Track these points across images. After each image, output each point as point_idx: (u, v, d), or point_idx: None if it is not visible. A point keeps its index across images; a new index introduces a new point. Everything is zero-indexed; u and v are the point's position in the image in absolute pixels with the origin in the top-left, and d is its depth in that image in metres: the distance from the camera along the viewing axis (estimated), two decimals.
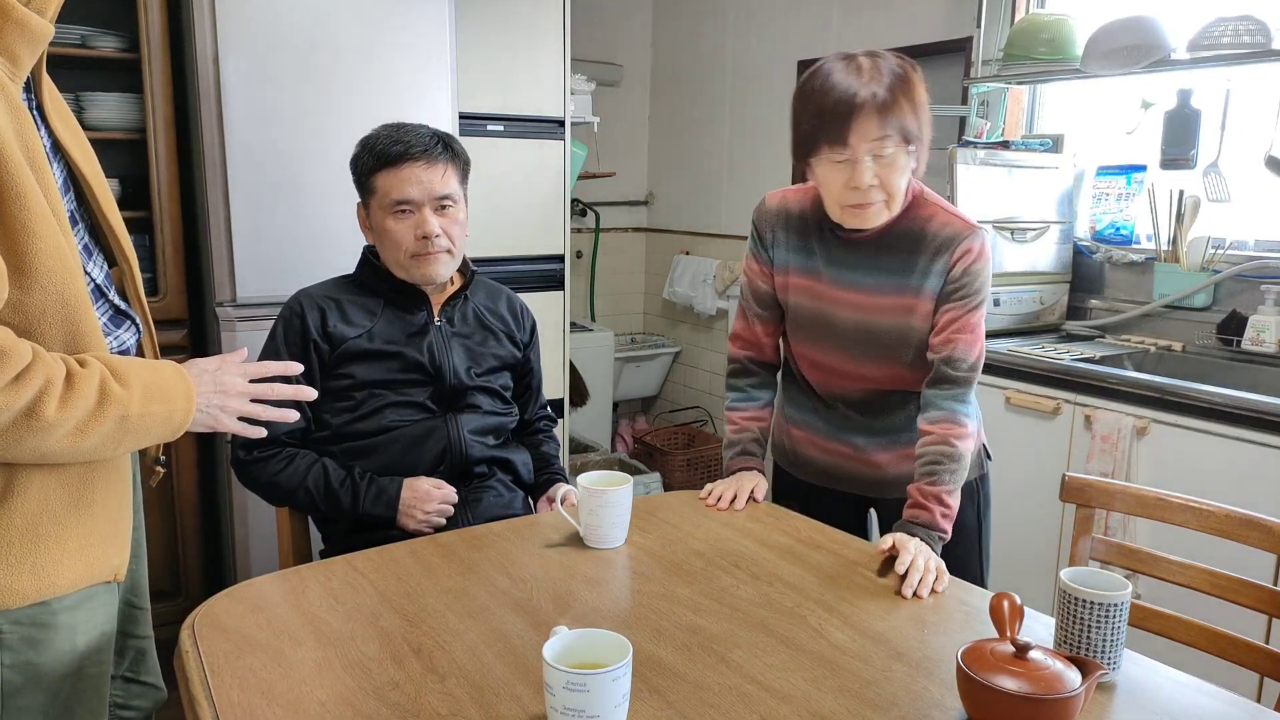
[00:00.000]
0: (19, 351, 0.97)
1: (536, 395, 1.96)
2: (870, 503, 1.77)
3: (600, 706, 0.93)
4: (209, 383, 1.18)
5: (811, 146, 1.48)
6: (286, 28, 2.34)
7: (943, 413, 1.53)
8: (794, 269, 1.65)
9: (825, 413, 1.71)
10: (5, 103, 1.00)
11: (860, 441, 1.67)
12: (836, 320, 1.61)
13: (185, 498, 2.54)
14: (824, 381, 1.69)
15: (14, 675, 1.08)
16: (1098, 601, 1.09)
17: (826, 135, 1.45)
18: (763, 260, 1.69)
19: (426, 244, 1.68)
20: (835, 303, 1.61)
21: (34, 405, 0.97)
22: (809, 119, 1.47)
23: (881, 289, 1.57)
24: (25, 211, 0.99)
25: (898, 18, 3.31)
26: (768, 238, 1.67)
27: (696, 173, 4.34)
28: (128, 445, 1.09)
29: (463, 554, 1.43)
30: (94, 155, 1.22)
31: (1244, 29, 2.29)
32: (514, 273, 3.01)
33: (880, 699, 1.06)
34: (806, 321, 1.66)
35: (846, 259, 1.59)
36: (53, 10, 1.07)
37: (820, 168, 1.50)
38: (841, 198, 1.50)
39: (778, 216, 1.67)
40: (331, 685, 1.06)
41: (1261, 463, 2.01)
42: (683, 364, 4.55)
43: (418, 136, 1.69)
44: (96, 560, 1.13)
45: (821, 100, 1.45)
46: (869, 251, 1.57)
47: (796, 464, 1.78)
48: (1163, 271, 2.65)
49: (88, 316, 1.07)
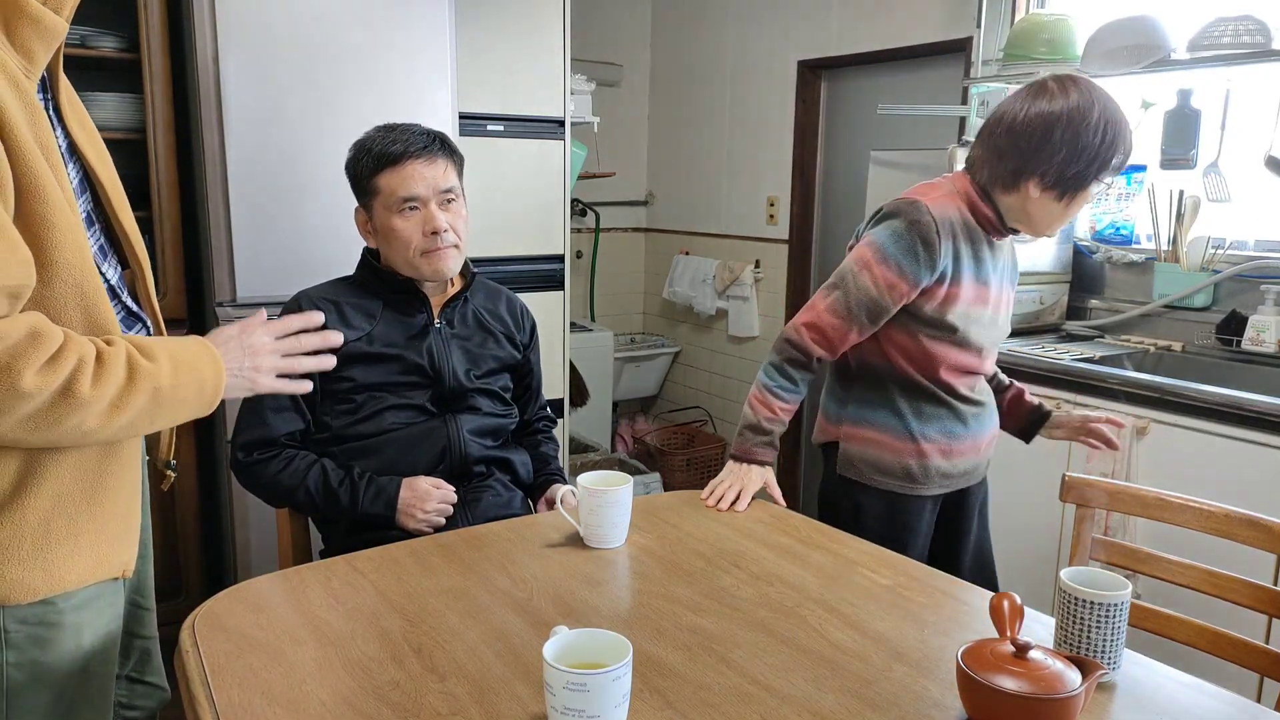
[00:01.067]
0: (52, 333, 0.98)
1: (536, 396, 1.96)
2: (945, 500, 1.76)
3: (600, 706, 0.93)
4: (235, 348, 1.17)
5: (1083, 182, 1.57)
6: (286, 28, 2.34)
7: None
8: (968, 278, 1.63)
9: (961, 415, 1.70)
10: (20, 99, 1.01)
11: (982, 430, 1.74)
12: (993, 321, 1.70)
13: (185, 498, 2.54)
14: (958, 383, 1.68)
15: (19, 674, 1.08)
16: (1098, 601, 1.09)
17: (1100, 173, 1.56)
18: (912, 279, 1.58)
19: (436, 239, 1.68)
20: (990, 303, 1.68)
21: (69, 384, 0.98)
22: (1082, 159, 1.54)
23: (1005, 283, 1.73)
24: (44, 204, 0.99)
25: (898, 18, 3.32)
26: (940, 254, 1.58)
27: (696, 173, 4.34)
28: (164, 419, 1.08)
29: (463, 554, 1.43)
30: (109, 158, 1.22)
31: (1244, 29, 2.29)
32: (514, 273, 3.01)
33: (880, 699, 1.06)
34: (973, 327, 1.65)
35: (997, 259, 1.70)
36: (69, 8, 1.08)
37: (1044, 197, 1.58)
38: (1054, 225, 1.63)
39: (948, 229, 1.60)
40: (332, 685, 1.06)
41: (1261, 463, 2.01)
42: (682, 364, 4.55)
43: (414, 135, 1.69)
44: (107, 556, 1.14)
45: (1107, 152, 1.54)
46: (1005, 252, 1.74)
47: (919, 478, 1.69)
48: (1163, 271, 2.66)
49: (105, 309, 1.07)
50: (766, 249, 3.99)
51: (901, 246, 1.57)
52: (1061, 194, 1.57)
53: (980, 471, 1.78)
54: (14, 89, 1.00)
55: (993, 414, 1.77)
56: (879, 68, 3.53)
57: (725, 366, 4.28)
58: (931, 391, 1.66)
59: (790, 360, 1.66)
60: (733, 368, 4.23)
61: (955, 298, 1.61)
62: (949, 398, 1.67)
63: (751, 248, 4.06)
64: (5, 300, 0.96)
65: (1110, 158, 1.54)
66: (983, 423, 1.74)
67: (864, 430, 1.70)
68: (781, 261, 3.91)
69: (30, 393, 0.95)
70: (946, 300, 1.61)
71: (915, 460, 1.67)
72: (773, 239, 3.96)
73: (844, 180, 3.72)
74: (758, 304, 4.03)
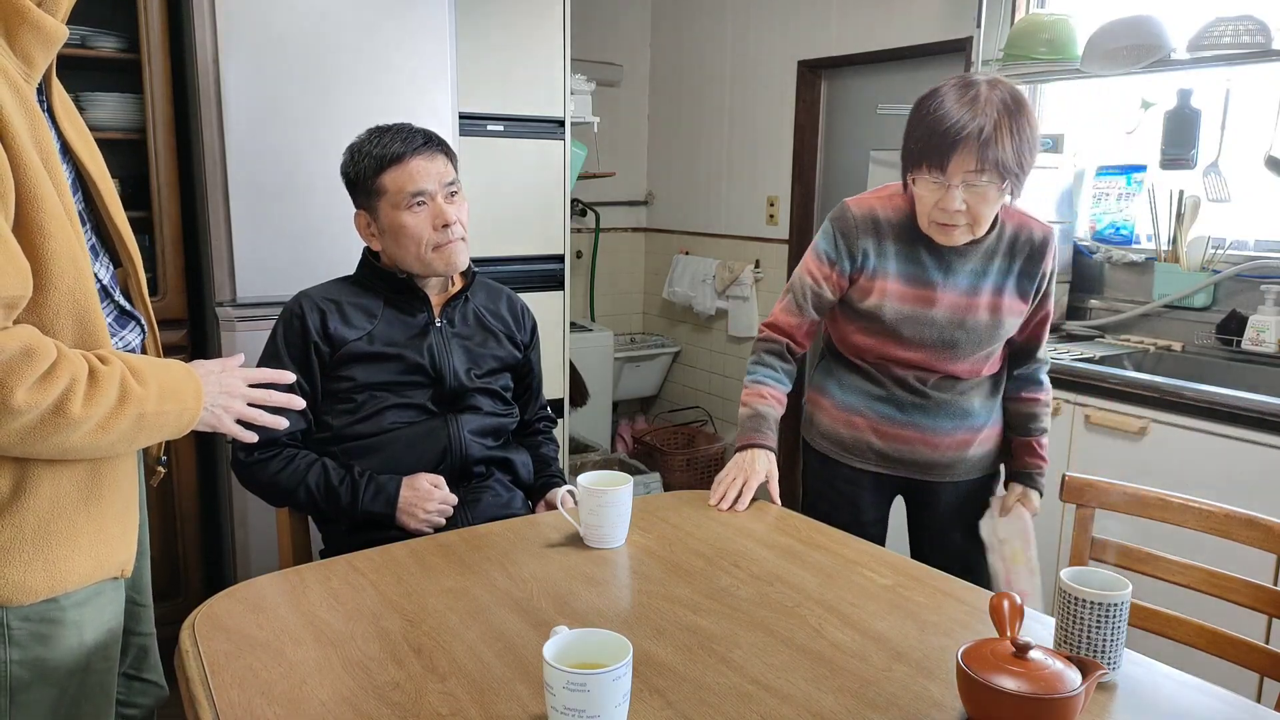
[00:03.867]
0: (45, 350, 0.99)
1: (536, 396, 1.96)
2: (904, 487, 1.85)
3: (600, 706, 0.93)
4: (215, 384, 1.22)
5: (914, 163, 1.60)
6: (286, 28, 2.34)
7: (1037, 383, 1.82)
8: (893, 275, 1.69)
9: (897, 400, 1.77)
10: (21, 105, 1.01)
11: (927, 424, 1.76)
12: (935, 320, 1.69)
13: (185, 498, 2.54)
14: (905, 374, 1.75)
15: (22, 671, 1.09)
16: (1098, 601, 1.09)
17: (929, 158, 1.56)
18: (839, 269, 1.72)
19: (446, 233, 1.69)
20: (934, 303, 1.68)
21: (60, 402, 0.99)
22: (917, 139, 1.59)
23: (979, 290, 1.69)
24: (41, 213, 1.00)
25: (897, 17, 3.31)
26: (858, 247, 1.70)
27: (696, 173, 4.34)
28: (141, 441, 1.11)
29: (463, 554, 1.43)
30: (100, 156, 1.23)
31: (1244, 29, 2.29)
32: (514, 273, 3.01)
33: (880, 699, 1.06)
34: (900, 325, 1.70)
35: (954, 264, 1.69)
36: (64, 11, 1.09)
37: (918, 183, 1.61)
38: (931, 215, 1.61)
39: (868, 225, 1.70)
40: (332, 685, 1.06)
41: (1261, 463, 2.01)
42: (682, 364, 4.55)
43: (411, 133, 1.71)
44: (106, 556, 1.14)
45: (932, 125, 1.55)
46: (973, 257, 1.69)
47: (854, 450, 1.81)
48: (1163, 271, 2.66)
49: (97, 316, 1.08)
50: (766, 249, 3.99)
51: (827, 240, 1.74)
52: (908, 169, 1.62)
53: (944, 471, 1.78)
54: (15, 95, 1.01)
55: (956, 415, 1.76)
56: (879, 68, 3.53)
57: (725, 366, 4.28)
58: (865, 370, 1.79)
59: (769, 351, 1.81)
60: (733, 368, 4.22)
61: (876, 290, 1.70)
62: (885, 379, 1.77)
63: (751, 248, 4.06)
64: (1, 311, 0.96)
65: (914, 138, 1.58)
66: (934, 418, 1.75)
67: (816, 395, 1.88)
68: (781, 261, 3.91)
69: (20, 409, 0.96)
70: (866, 291, 1.71)
71: (846, 430, 1.81)
72: (772, 239, 3.96)
73: (844, 180, 3.72)
74: (757, 304, 4.03)
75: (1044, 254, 1.69)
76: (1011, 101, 1.53)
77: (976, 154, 1.51)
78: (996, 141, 1.51)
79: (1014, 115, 1.52)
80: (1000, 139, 1.51)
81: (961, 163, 1.52)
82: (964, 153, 1.52)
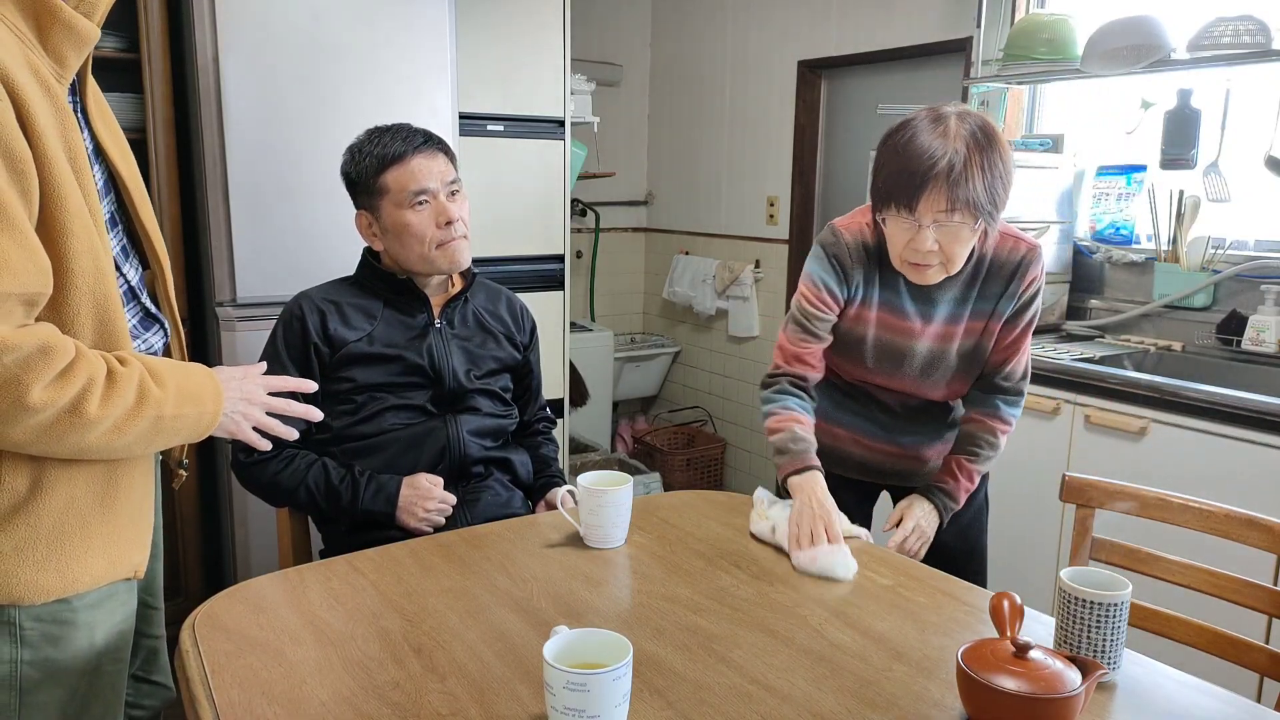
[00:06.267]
0: (63, 348, 0.98)
1: (536, 396, 1.96)
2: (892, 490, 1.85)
3: (600, 706, 0.93)
4: (236, 390, 1.22)
5: (883, 202, 1.53)
6: (286, 28, 2.34)
7: (992, 409, 1.71)
8: (877, 303, 1.66)
9: (877, 419, 1.78)
10: (51, 104, 1.01)
11: (908, 441, 1.78)
12: (914, 351, 1.67)
13: (185, 498, 2.54)
14: (885, 398, 1.76)
15: (33, 671, 1.09)
16: (1098, 601, 1.09)
17: (897, 199, 1.49)
18: (836, 294, 1.66)
19: (450, 230, 1.69)
20: (914, 335, 1.66)
21: (77, 402, 0.99)
22: (885, 177, 1.52)
23: (959, 318, 1.66)
24: (65, 213, 1.00)
25: (897, 18, 3.31)
26: (854, 273, 1.65)
27: (696, 173, 4.34)
28: (158, 444, 1.11)
29: (463, 554, 1.43)
30: (133, 159, 1.24)
31: (1244, 29, 2.29)
32: (514, 273, 3.01)
33: (880, 699, 1.06)
34: (880, 353, 1.68)
35: (932, 294, 1.64)
36: (100, 13, 1.10)
37: (889, 223, 1.55)
38: (903, 254, 1.55)
39: (860, 251, 1.65)
40: (332, 685, 1.06)
41: (1261, 463, 2.01)
42: (682, 364, 4.55)
43: (411, 133, 1.71)
44: (119, 558, 1.14)
45: (902, 163, 1.48)
46: (952, 286, 1.63)
47: (834, 459, 1.78)
48: (1163, 271, 2.65)
49: (118, 318, 1.08)
50: (766, 249, 3.99)
51: (823, 267, 1.68)
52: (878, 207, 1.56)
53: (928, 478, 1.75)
54: (45, 94, 1.01)
55: (939, 430, 1.78)
56: (879, 68, 3.53)
57: (725, 366, 4.28)
58: (845, 387, 1.80)
59: (793, 383, 1.71)
60: (733, 368, 4.22)
61: (860, 318, 1.67)
62: (869, 400, 1.78)
63: (751, 248, 4.06)
64: (22, 308, 0.96)
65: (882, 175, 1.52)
66: (916, 435, 1.78)
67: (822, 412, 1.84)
68: (781, 261, 3.91)
69: (37, 407, 0.96)
70: (855, 319, 1.68)
71: (828, 440, 1.77)
72: (773, 239, 3.96)
73: (844, 180, 3.72)
74: (758, 304, 4.03)
75: (1027, 271, 1.62)
76: (981, 135, 1.46)
77: (946, 194, 1.44)
78: (967, 180, 1.44)
79: (984, 150, 1.45)
80: (970, 176, 1.44)
81: (932, 203, 1.46)
82: (934, 193, 1.45)
